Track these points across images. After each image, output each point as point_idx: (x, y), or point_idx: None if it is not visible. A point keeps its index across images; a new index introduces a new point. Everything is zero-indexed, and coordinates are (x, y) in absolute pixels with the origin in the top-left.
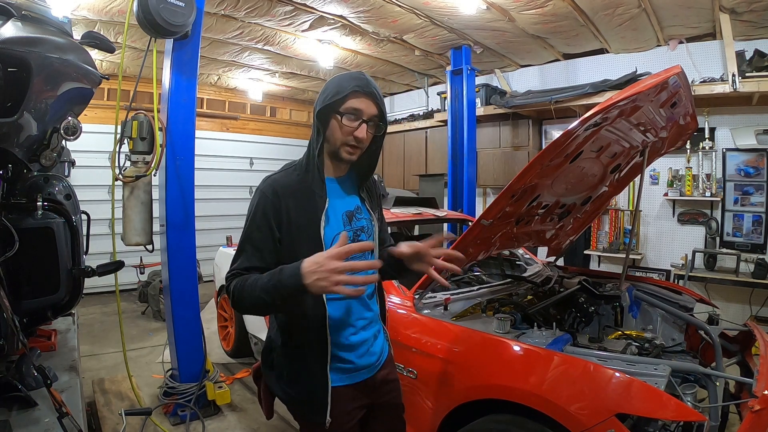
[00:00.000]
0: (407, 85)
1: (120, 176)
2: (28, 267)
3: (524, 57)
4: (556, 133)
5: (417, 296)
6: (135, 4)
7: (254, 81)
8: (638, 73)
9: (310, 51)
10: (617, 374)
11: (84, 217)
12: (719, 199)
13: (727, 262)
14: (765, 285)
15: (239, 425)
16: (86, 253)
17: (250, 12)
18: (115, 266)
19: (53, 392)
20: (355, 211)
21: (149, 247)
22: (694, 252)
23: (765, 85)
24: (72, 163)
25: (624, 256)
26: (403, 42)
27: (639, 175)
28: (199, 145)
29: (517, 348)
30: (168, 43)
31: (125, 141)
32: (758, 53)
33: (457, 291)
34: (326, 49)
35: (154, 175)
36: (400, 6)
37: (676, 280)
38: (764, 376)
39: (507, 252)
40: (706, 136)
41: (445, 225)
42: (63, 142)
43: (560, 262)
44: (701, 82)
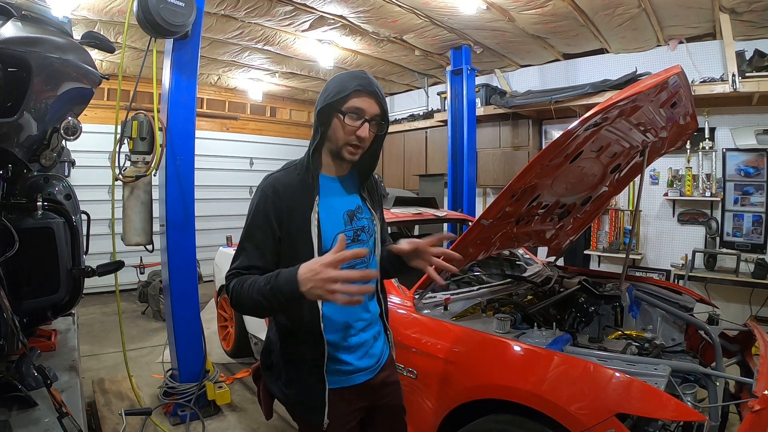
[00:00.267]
0: (407, 85)
1: (120, 176)
2: (28, 267)
3: (524, 57)
4: (556, 133)
5: (417, 296)
6: (135, 4)
7: (254, 81)
8: (638, 73)
9: (310, 51)
10: (617, 374)
11: (84, 217)
12: (719, 199)
13: (727, 262)
14: (765, 285)
15: (239, 425)
16: (86, 253)
17: (250, 12)
18: (115, 266)
19: (53, 392)
20: (356, 211)
21: (149, 247)
22: (694, 252)
23: (765, 85)
24: (72, 163)
25: (624, 256)
26: (403, 42)
27: (639, 175)
28: (199, 145)
29: (517, 348)
30: (168, 43)
31: (125, 141)
32: (758, 53)
33: (457, 291)
34: (326, 49)
35: (154, 175)
36: (400, 6)
37: (676, 280)
38: (764, 376)
39: (507, 252)
40: (706, 136)
41: (445, 225)
42: (63, 142)
43: (560, 262)
44: (701, 82)
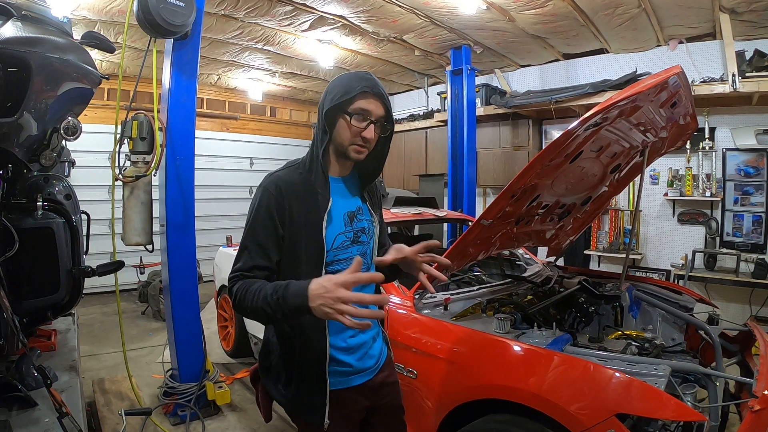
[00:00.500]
0: (407, 85)
1: (120, 176)
2: (28, 267)
3: (524, 57)
4: (556, 133)
5: (417, 296)
6: (135, 4)
7: (254, 81)
8: (638, 73)
9: (310, 51)
10: (617, 374)
11: (84, 217)
12: (719, 199)
13: (727, 262)
14: (765, 285)
15: (239, 425)
16: (86, 253)
17: (250, 12)
18: (115, 266)
19: (53, 392)
20: (357, 212)
21: (149, 247)
22: (694, 252)
23: (765, 85)
24: (72, 163)
25: (624, 256)
26: (403, 42)
27: (639, 175)
28: (199, 145)
29: (517, 348)
30: (168, 43)
31: (125, 141)
32: (758, 53)
33: (457, 291)
34: (326, 49)
35: (154, 175)
36: (400, 6)
37: (676, 280)
38: (764, 376)
39: (507, 252)
40: (706, 136)
41: (445, 225)
42: (63, 142)
43: (560, 262)
44: (701, 82)
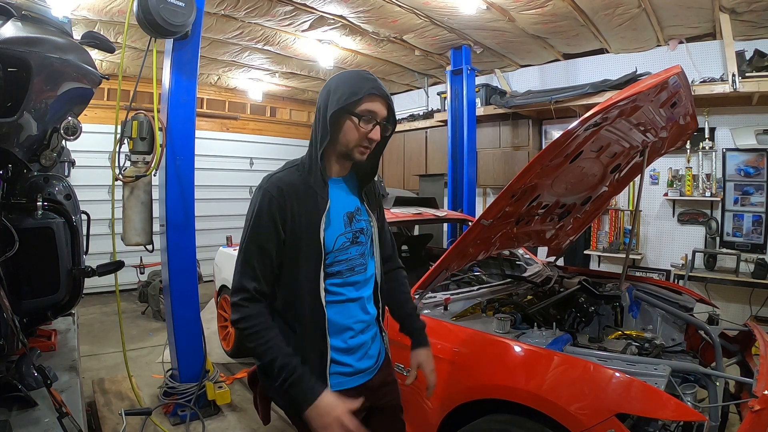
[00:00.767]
0: (407, 85)
1: (120, 176)
2: (28, 267)
3: (524, 57)
4: (556, 133)
5: (417, 296)
6: (135, 4)
7: (254, 81)
8: (638, 73)
9: (310, 51)
10: (617, 374)
11: (84, 217)
12: (719, 199)
13: (727, 262)
14: (765, 285)
15: (239, 425)
16: (86, 253)
17: (250, 12)
18: (115, 266)
19: (53, 392)
20: (356, 213)
21: (149, 247)
22: (694, 252)
23: (765, 85)
24: (72, 163)
25: (624, 256)
26: (403, 42)
27: (639, 175)
28: (199, 145)
29: (517, 348)
30: (168, 43)
31: (125, 141)
32: (758, 53)
33: (457, 291)
34: (326, 49)
35: (154, 175)
36: (400, 6)
37: (676, 280)
38: (764, 376)
39: (507, 252)
40: (706, 136)
41: (445, 225)
42: (63, 142)
43: (560, 262)
44: (701, 82)
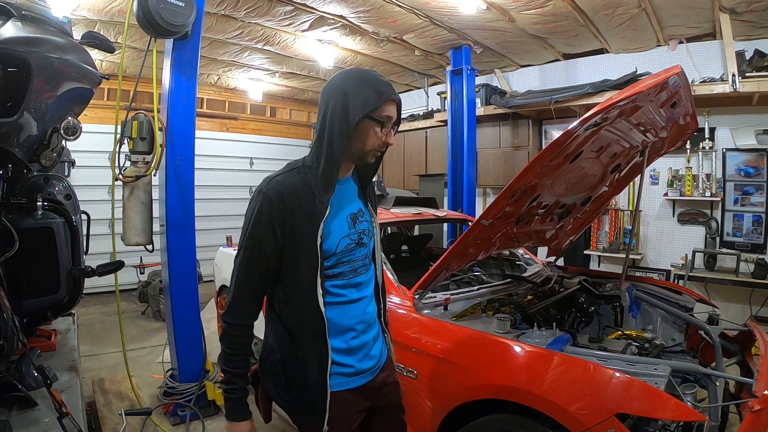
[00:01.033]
0: (407, 85)
1: (120, 176)
2: (28, 267)
3: (524, 57)
4: (556, 133)
5: (417, 296)
6: (135, 4)
7: (254, 81)
8: (638, 73)
9: (310, 51)
10: (617, 374)
11: (84, 217)
12: (719, 199)
13: (727, 262)
14: (765, 285)
15: None
16: (86, 253)
17: (250, 12)
18: (115, 266)
19: (53, 392)
20: (358, 214)
21: (149, 247)
22: (694, 252)
23: (765, 85)
24: (72, 163)
25: (624, 256)
26: (403, 42)
27: (639, 175)
28: (199, 145)
29: (517, 348)
30: (168, 43)
31: (125, 141)
32: (758, 53)
33: (457, 291)
34: (326, 49)
35: (154, 175)
36: (400, 6)
37: (676, 280)
38: (764, 376)
39: (507, 252)
40: (706, 136)
41: (445, 225)
42: (63, 142)
43: (560, 262)
44: (701, 82)
